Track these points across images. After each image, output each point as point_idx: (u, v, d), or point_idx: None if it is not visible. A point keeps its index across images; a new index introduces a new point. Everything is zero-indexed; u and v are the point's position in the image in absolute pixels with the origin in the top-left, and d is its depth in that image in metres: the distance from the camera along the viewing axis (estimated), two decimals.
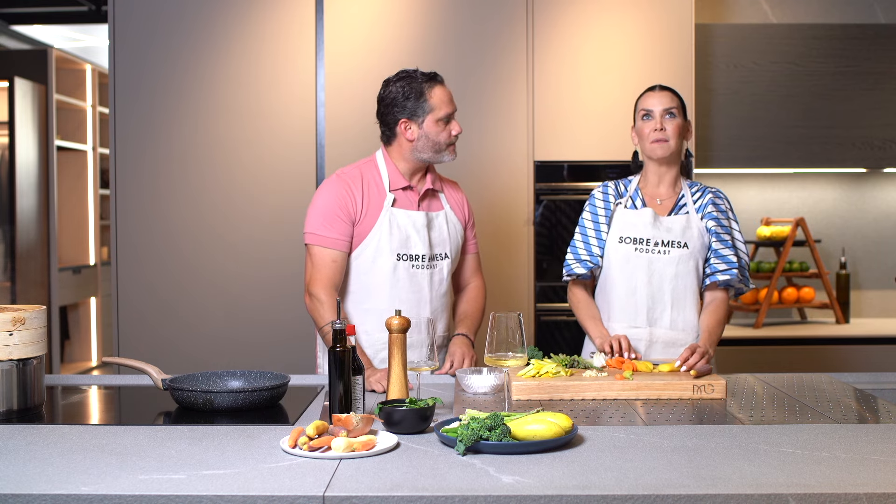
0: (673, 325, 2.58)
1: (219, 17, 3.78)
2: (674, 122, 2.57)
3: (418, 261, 2.58)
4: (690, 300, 2.60)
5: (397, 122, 2.55)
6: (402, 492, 1.47)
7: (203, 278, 3.79)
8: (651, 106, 2.58)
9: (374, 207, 2.56)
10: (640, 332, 2.59)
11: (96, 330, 6.47)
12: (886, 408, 2.14)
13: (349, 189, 2.56)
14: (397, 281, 2.56)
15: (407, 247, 2.57)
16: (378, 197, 2.57)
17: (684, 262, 2.57)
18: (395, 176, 2.60)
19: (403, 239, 2.56)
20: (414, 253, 2.57)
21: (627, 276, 2.59)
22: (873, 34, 4.12)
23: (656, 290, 2.57)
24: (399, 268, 2.56)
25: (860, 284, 4.50)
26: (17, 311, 2.05)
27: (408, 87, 2.54)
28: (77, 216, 6.27)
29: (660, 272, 2.57)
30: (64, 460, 1.67)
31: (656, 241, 2.57)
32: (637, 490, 1.48)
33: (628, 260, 2.58)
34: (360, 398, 1.98)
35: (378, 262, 2.56)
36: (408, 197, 2.61)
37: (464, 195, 2.79)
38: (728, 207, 2.66)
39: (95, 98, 6.31)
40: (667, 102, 2.58)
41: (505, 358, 2.17)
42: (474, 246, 2.79)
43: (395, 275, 2.56)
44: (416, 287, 2.58)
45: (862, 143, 4.13)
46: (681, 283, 2.57)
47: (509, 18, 3.78)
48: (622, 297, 2.60)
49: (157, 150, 3.79)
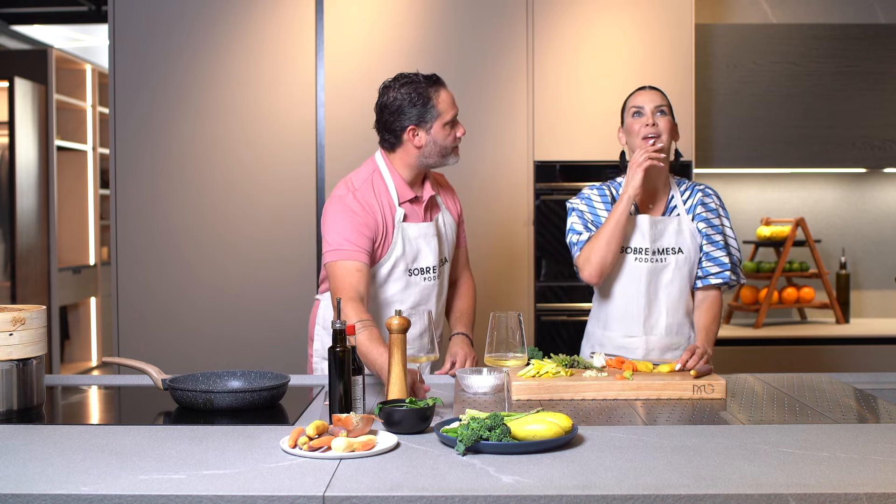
0: (668, 331, 2.59)
1: (219, 18, 3.78)
2: (665, 118, 2.57)
3: (428, 272, 2.57)
4: (684, 305, 2.60)
5: (405, 129, 2.48)
6: (402, 492, 1.47)
7: (203, 278, 3.79)
8: (642, 103, 2.58)
9: (389, 226, 2.51)
10: (636, 340, 2.59)
11: (96, 330, 6.47)
12: (886, 408, 2.13)
13: (369, 209, 2.48)
14: (409, 295, 2.56)
15: (417, 260, 2.55)
16: (391, 213, 2.52)
17: (680, 268, 2.57)
18: (401, 188, 2.54)
19: (414, 253, 2.54)
20: (424, 266, 2.56)
21: (626, 285, 2.58)
22: (873, 34, 4.12)
23: (653, 298, 2.57)
24: (411, 283, 2.55)
25: (860, 284, 4.50)
26: (17, 311, 2.05)
27: (413, 92, 2.46)
28: (77, 216, 6.27)
29: (656, 280, 2.57)
30: (64, 460, 1.67)
31: (654, 249, 2.57)
32: (637, 490, 1.48)
33: (630, 269, 2.58)
34: (360, 398, 1.98)
35: (391, 278, 2.54)
36: (414, 209, 2.57)
37: (451, 187, 2.76)
38: (718, 204, 2.64)
39: (95, 98, 6.31)
40: (657, 100, 2.58)
41: (505, 358, 2.17)
42: (464, 239, 2.79)
43: (408, 290, 2.56)
44: (426, 298, 2.58)
45: (862, 143, 4.13)
46: (675, 288, 2.57)
47: (509, 19, 3.78)
48: (620, 306, 2.60)
49: (157, 150, 3.79)
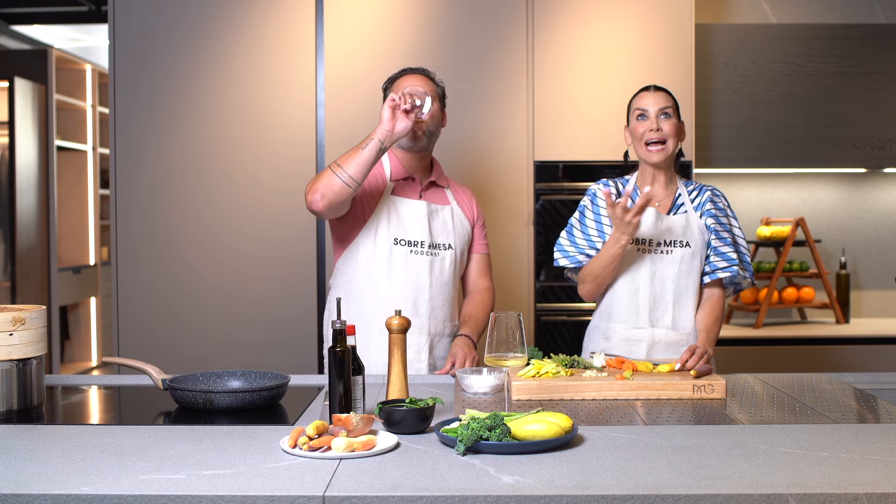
0: (675, 326, 2.58)
1: (219, 18, 3.78)
2: (669, 121, 2.57)
3: (417, 246, 2.61)
4: (691, 299, 2.60)
5: None
6: (402, 492, 1.47)
7: (203, 278, 3.79)
8: (646, 106, 2.58)
9: (374, 192, 2.62)
10: (642, 332, 2.59)
11: (96, 330, 6.47)
12: (886, 408, 2.13)
13: None
14: (393, 265, 2.60)
15: (405, 233, 2.61)
16: (379, 183, 2.63)
17: (686, 262, 2.57)
18: (396, 167, 2.67)
19: (402, 226, 2.61)
20: (412, 239, 2.61)
21: (630, 277, 2.59)
22: (873, 34, 4.12)
23: (658, 290, 2.57)
24: (396, 252, 2.60)
25: (860, 284, 4.50)
26: (17, 311, 2.05)
27: (388, 79, 2.71)
28: (77, 216, 6.27)
29: (662, 272, 2.57)
30: (64, 460, 1.67)
31: (658, 241, 2.57)
32: (637, 490, 1.48)
33: (632, 260, 2.58)
34: (360, 398, 1.98)
35: (376, 247, 2.60)
36: (410, 187, 2.67)
37: (474, 198, 2.83)
38: (726, 205, 2.66)
39: (95, 98, 6.31)
40: (662, 102, 2.58)
41: (505, 358, 2.17)
42: (483, 247, 2.81)
43: (391, 258, 2.60)
44: (415, 272, 2.61)
45: (862, 143, 4.13)
46: (683, 282, 2.58)
47: (509, 18, 3.78)
48: (624, 298, 2.60)
49: (157, 150, 3.79)
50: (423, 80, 2.66)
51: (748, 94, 4.11)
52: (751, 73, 4.10)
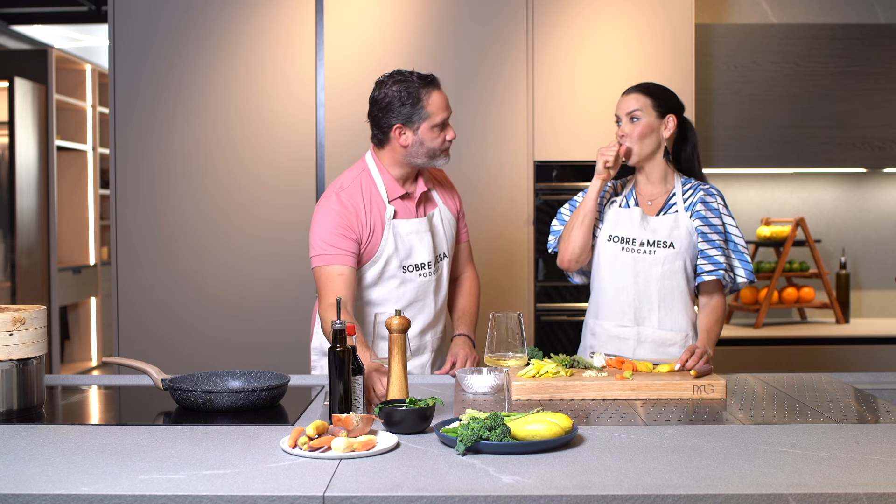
0: (661, 325, 2.58)
1: (219, 18, 3.78)
2: (636, 124, 2.56)
3: (424, 269, 2.57)
4: (679, 300, 2.59)
5: (391, 126, 2.48)
6: (402, 492, 1.47)
7: (203, 278, 3.79)
8: (618, 111, 2.63)
9: (378, 224, 2.51)
10: (628, 330, 2.59)
11: (96, 330, 6.47)
12: (886, 408, 2.13)
13: (352, 210, 2.48)
14: (405, 293, 2.56)
15: (411, 257, 2.55)
16: (379, 212, 2.52)
17: (670, 263, 2.57)
18: (391, 185, 2.55)
19: (407, 249, 2.54)
20: (419, 262, 2.56)
21: (615, 275, 2.60)
22: (873, 34, 4.12)
23: (643, 289, 2.58)
24: (406, 280, 2.55)
25: (860, 284, 4.50)
26: (17, 311, 2.05)
27: (404, 91, 2.46)
28: (77, 216, 6.27)
29: (645, 272, 2.57)
30: (64, 460, 1.67)
31: (642, 241, 2.57)
32: (637, 490, 1.48)
33: (616, 259, 2.59)
34: (360, 398, 1.98)
35: (385, 276, 2.54)
36: (406, 205, 2.57)
37: (450, 183, 2.76)
38: (721, 203, 2.63)
39: (95, 98, 6.31)
40: (630, 105, 2.58)
41: (505, 358, 2.17)
42: (466, 235, 2.79)
43: (403, 287, 2.56)
44: (422, 294, 2.58)
45: (862, 143, 4.13)
46: (668, 283, 2.57)
47: (509, 18, 3.78)
48: (610, 295, 2.61)
49: (157, 150, 3.79)
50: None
51: (748, 94, 4.11)
52: (751, 73, 4.10)
